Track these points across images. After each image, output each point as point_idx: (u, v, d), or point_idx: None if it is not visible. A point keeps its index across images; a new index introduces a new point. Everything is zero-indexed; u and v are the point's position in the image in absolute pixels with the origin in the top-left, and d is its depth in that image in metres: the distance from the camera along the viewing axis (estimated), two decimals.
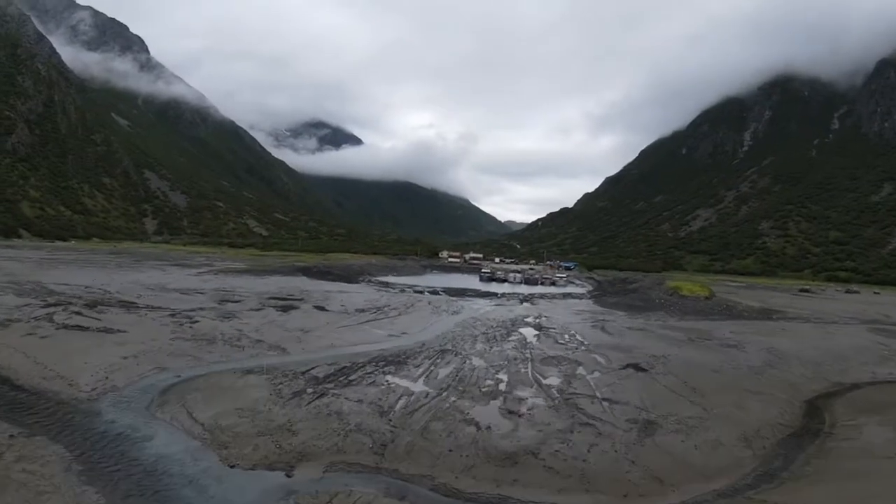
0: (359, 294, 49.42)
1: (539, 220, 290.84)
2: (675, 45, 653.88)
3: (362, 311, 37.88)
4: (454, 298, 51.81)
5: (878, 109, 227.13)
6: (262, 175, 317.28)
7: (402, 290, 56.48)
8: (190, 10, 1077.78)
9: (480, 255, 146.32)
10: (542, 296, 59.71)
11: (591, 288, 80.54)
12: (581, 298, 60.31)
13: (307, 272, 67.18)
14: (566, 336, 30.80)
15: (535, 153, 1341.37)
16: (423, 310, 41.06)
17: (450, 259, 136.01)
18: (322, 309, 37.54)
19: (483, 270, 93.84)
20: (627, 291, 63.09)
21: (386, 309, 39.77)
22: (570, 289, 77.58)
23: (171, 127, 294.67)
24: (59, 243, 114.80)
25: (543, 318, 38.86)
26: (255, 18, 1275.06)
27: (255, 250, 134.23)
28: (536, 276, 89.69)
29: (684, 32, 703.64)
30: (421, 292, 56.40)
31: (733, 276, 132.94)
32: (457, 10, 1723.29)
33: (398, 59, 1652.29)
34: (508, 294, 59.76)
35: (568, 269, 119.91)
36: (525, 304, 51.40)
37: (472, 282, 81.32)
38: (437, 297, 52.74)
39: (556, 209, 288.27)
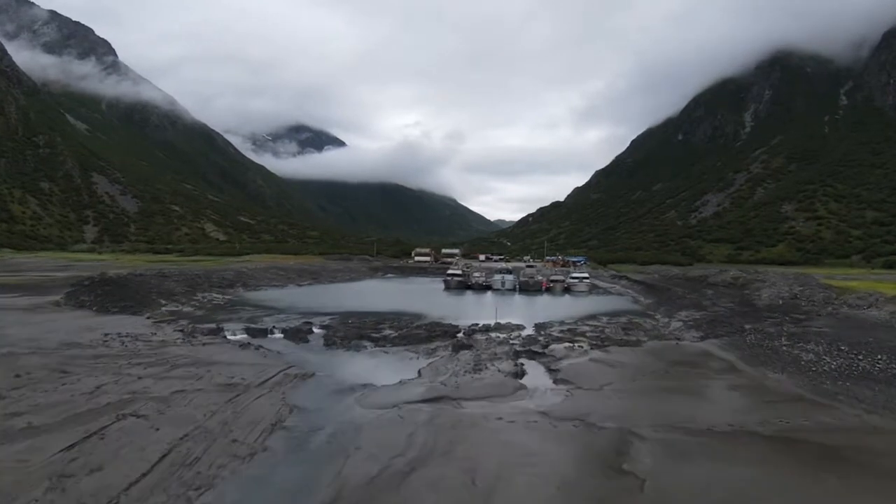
0: None
1: (529, 215, 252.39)
2: (660, 25, 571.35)
3: None
4: (311, 363, 15.24)
5: (891, 82, 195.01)
6: (236, 179, 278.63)
7: (186, 340, 18.80)
8: (172, 15, 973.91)
9: (457, 251, 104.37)
10: (570, 328, 22.29)
11: (647, 300, 38.91)
12: (677, 339, 20.84)
13: (76, 291, 29.01)
14: None
15: (522, 150, 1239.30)
16: None
17: (416, 258, 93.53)
18: None
19: (449, 272, 52.01)
20: (773, 316, 23.14)
21: None
22: (602, 301, 39.56)
23: (136, 131, 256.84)
24: None
25: None
26: (238, 23, 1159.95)
27: (175, 256, 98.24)
28: (539, 277, 49.59)
29: (669, 11, 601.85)
30: (247, 346, 19.56)
31: (775, 268, 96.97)
32: (440, 8, 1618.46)
33: (382, 61, 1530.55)
34: (485, 333, 22.36)
35: (578, 265, 77.84)
36: (536, 368, 14.97)
37: (431, 291, 44.37)
38: (262, 361, 15.90)
39: (547, 206, 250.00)
